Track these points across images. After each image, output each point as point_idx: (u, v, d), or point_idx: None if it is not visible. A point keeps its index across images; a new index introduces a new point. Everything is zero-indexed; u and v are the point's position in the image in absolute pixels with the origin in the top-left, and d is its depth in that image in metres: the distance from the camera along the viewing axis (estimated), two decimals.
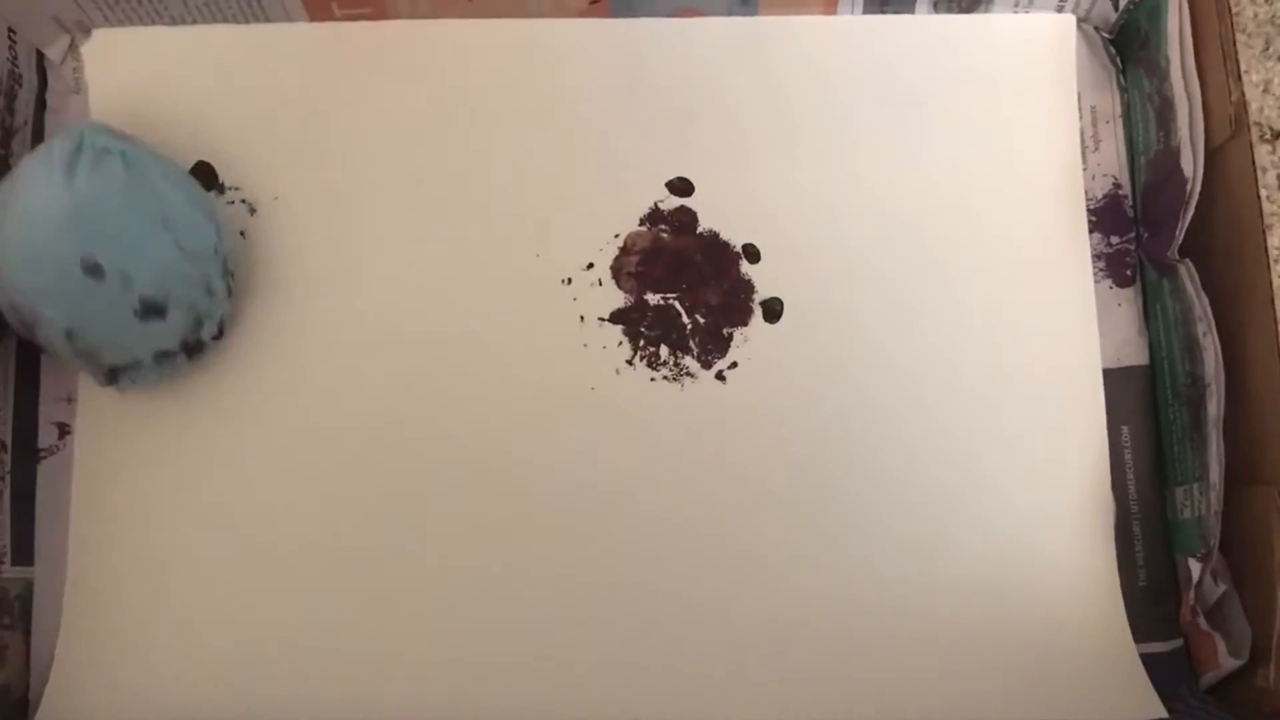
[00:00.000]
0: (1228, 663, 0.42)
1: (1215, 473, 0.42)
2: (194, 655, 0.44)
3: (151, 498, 0.45)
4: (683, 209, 0.47)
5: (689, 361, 0.46)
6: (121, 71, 0.47)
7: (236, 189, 0.47)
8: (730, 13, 0.48)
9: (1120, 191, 0.48)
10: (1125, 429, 0.47)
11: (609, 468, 0.45)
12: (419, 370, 0.46)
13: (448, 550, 0.45)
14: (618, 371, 0.46)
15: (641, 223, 0.47)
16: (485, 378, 0.46)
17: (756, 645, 0.44)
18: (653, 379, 0.46)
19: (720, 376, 0.46)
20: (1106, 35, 0.49)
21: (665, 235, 0.47)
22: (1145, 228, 0.47)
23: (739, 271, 0.47)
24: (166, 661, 0.44)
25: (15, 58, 0.46)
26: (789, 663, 0.44)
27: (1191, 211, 0.43)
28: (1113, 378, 0.47)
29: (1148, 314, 0.47)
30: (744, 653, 0.44)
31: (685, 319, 0.47)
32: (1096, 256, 0.48)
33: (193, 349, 0.44)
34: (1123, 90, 0.49)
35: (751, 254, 0.47)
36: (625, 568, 0.45)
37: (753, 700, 0.44)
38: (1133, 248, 0.48)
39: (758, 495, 0.45)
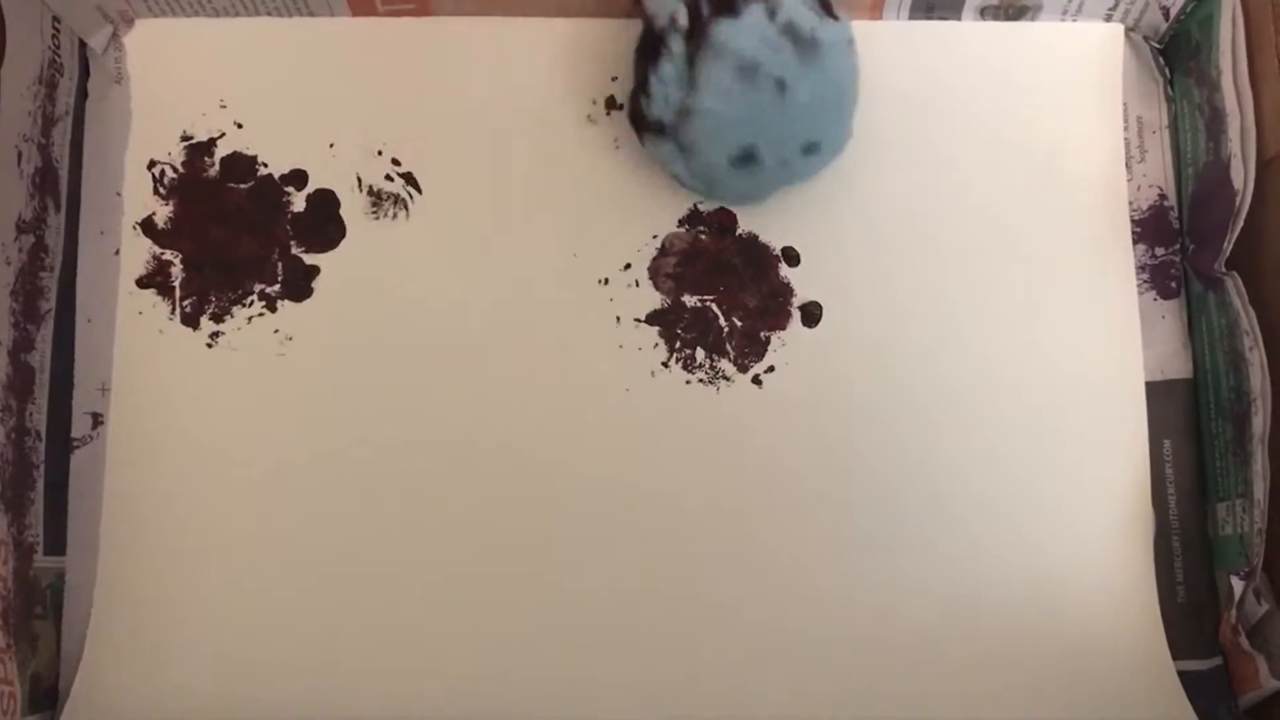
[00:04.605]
0: (1270, 684, 0.42)
1: (1260, 489, 0.42)
2: (224, 647, 0.44)
3: (184, 489, 0.45)
4: (722, 211, 0.47)
5: (725, 365, 0.46)
6: (164, 62, 0.47)
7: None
8: None
9: (1166, 203, 0.48)
10: (1167, 443, 0.46)
11: (643, 469, 0.45)
12: (455, 368, 0.46)
13: (480, 550, 0.44)
14: (653, 373, 0.46)
15: (680, 224, 0.47)
16: (520, 377, 0.46)
17: (788, 652, 0.44)
18: (688, 382, 0.46)
19: (757, 380, 0.46)
20: (1155, 45, 0.49)
21: (704, 237, 0.47)
22: (1191, 240, 0.47)
23: (778, 275, 0.47)
24: (196, 653, 0.44)
25: (58, 47, 0.46)
26: (818, 670, 0.44)
27: (1241, 224, 0.43)
28: (1155, 391, 0.46)
29: (1192, 327, 0.47)
30: (775, 659, 0.44)
31: (722, 321, 0.46)
32: (1141, 268, 0.47)
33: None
34: (1170, 101, 0.48)
35: (791, 257, 0.47)
36: (657, 570, 0.44)
37: (787, 706, 0.43)
38: (1177, 260, 0.47)
39: (792, 500, 0.45)
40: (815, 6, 0.42)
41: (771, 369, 0.46)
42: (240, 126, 0.47)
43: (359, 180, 0.47)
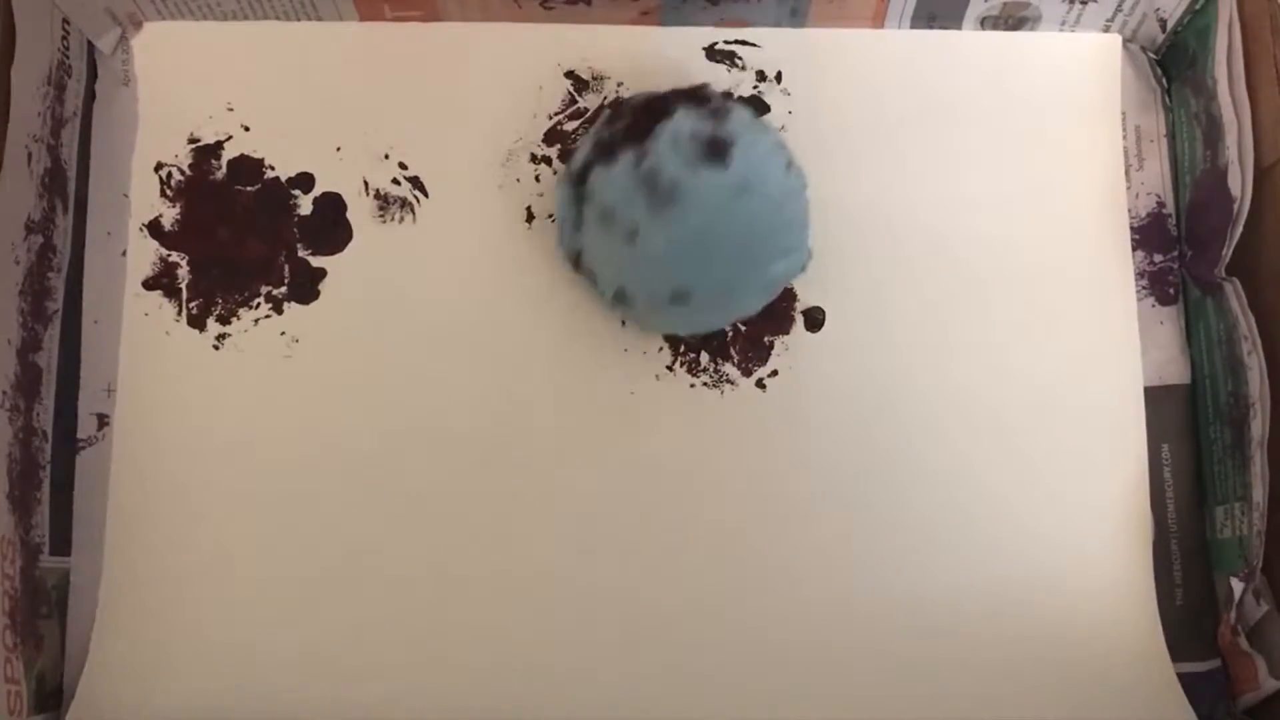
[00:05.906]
0: (1269, 684, 0.42)
1: (1259, 492, 0.42)
2: (229, 647, 0.44)
3: (189, 491, 0.45)
4: None
5: (729, 368, 0.46)
6: (171, 65, 0.48)
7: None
8: (778, 24, 0.49)
9: (1164, 210, 0.48)
10: (1165, 447, 0.47)
11: (647, 472, 0.45)
12: (461, 370, 0.46)
13: (484, 552, 0.44)
14: (658, 377, 0.46)
15: None
16: (526, 379, 0.46)
17: (787, 654, 0.44)
18: (692, 385, 0.46)
19: (760, 384, 0.46)
20: (1153, 55, 0.49)
21: None
22: (1189, 246, 0.47)
23: None
24: (200, 653, 0.44)
25: (67, 48, 0.46)
26: (819, 672, 0.44)
27: (1239, 231, 0.43)
28: (1154, 396, 0.47)
29: (1189, 332, 0.47)
30: (775, 661, 0.44)
31: (726, 326, 0.47)
32: (1139, 275, 0.48)
33: None
34: (1168, 110, 0.49)
35: None
36: (660, 573, 0.45)
37: (788, 708, 0.44)
38: (1176, 266, 0.48)
39: (794, 504, 0.45)
40: (694, 156, 0.41)
41: (775, 373, 0.46)
42: (247, 129, 0.47)
43: (366, 184, 0.47)
